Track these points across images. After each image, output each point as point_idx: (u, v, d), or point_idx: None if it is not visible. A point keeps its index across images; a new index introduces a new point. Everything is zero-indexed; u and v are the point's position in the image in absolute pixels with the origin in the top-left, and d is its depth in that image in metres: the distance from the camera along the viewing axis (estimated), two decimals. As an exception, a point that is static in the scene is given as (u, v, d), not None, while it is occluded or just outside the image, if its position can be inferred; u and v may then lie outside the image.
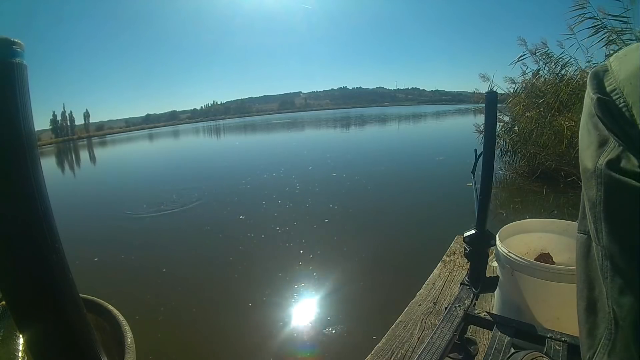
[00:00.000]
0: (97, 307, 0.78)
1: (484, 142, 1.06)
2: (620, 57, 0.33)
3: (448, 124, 20.76)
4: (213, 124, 64.11)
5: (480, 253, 1.09)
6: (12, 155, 0.28)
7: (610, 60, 0.33)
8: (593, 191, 0.32)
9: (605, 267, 0.32)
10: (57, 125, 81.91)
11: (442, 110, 39.48)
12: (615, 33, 4.21)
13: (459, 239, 2.00)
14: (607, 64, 0.33)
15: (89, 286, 2.49)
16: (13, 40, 0.28)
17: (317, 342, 1.96)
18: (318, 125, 28.63)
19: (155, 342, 2.04)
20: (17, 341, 0.62)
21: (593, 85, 0.33)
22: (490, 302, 1.39)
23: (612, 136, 0.31)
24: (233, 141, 20.50)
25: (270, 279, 2.68)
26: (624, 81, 0.30)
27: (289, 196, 5.19)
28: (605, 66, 0.33)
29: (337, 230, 3.65)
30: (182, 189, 6.29)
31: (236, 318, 2.23)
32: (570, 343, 0.84)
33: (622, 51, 0.33)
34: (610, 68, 0.32)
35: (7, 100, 0.28)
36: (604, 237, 0.32)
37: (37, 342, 0.31)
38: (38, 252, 0.30)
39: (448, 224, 3.15)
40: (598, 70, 0.34)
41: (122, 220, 4.77)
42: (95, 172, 13.24)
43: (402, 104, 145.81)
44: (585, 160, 0.34)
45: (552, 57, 5.19)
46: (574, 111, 4.69)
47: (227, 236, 3.78)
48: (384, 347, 1.23)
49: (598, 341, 0.34)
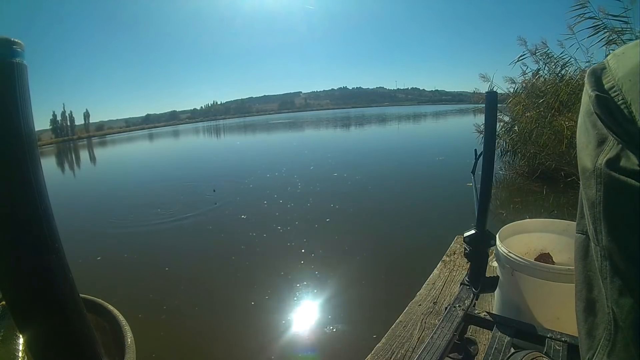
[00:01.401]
0: (97, 307, 0.78)
1: (484, 142, 1.06)
2: (617, 55, 0.32)
3: (448, 124, 20.76)
4: (213, 124, 64.12)
5: (480, 253, 1.09)
6: (12, 155, 0.28)
7: (608, 58, 0.33)
8: (592, 191, 0.32)
9: (604, 267, 0.32)
10: (57, 125, 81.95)
11: (442, 110, 39.48)
12: (616, 33, 4.20)
13: (459, 239, 2.00)
14: (604, 63, 0.33)
15: (93, 284, 2.51)
16: (13, 40, 0.28)
17: (319, 341, 1.97)
18: (319, 125, 28.63)
19: (158, 340, 2.05)
20: (17, 341, 0.62)
21: (591, 83, 0.33)
22: (490, 302, 1.39)
23: (611, 134, 0.30)
24: (234, 141, 20.50)
25: (272, 278, 2.69)
26: (622, 78, 0.30)
27: (291, 196, 5.20)
28: (603, 64, 0.33)
29: (338, 230, 3.66)
30: (184, 188, 6.29)
31: (238, 316, 2.24)
32: (570, 343, 0.83)
33: (620, 49, 0.33)
34: (608, 66, 0.32)
35: (7, 100, 0.28)
36: (604, 238, 0.31)
37: (37, 342, 0.31)
38: (38, 252, 0.30)
39: (448, 224, 3.16)
40: (596, 68, 0.33)
41: (124, 220, 4.77)
42: (96, 172, 13.23)
43: (402, 104, 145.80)
44: (584, 159, 0.33)
45: (552, 57, 5.19)
46: (574, 111, 4.69)
47: (229, 235, 3.79)
48: (384, 347, 1.23)
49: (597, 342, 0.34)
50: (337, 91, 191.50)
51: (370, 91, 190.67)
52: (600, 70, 0.33)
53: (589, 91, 0.33)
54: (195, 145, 20.22)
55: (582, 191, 0.35)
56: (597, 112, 0.32)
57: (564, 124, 4.55)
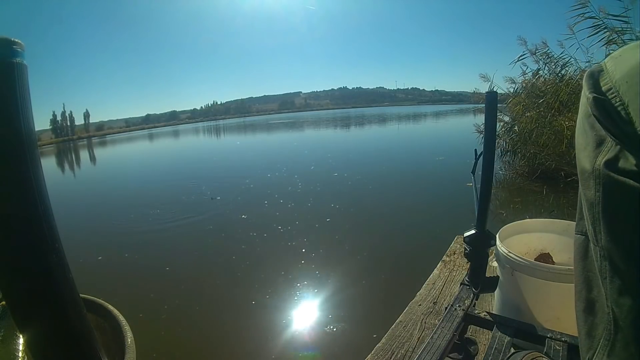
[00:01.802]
0: (97, 307, 0.78)
1: (484, 142, 1.06)
2: (615, 57, 0.33)
3: (448, 124, 20.76)
4: (213, 124, 64.11)
5: (480, 253, 1.09)
6: (12, 155, 0.28)
7: (605, 61, 0.33)
8: (591, 192, 0.32)
9: (604, 267, 0.32)
10: (57, 125, 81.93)
11: (442, 110, 39.49)
12: (616, 33, 4.20)
13: (459, 239, 2.00)
14: (602, 65, 0.33)
15: (93, 284, 2.51)
16: (13, 40, 0.28)
17: (319, 340, 1.97)
18: (319, 125, 28.63)
19: (159, 339, 2.06)
20: (17, 341, 0.62)
21: (589, 85, 0.33)
22: (490, 302, 1.39)
23: (609, 135, 0.30)
24: (234, 141, 20.50)
25: (272, 277, 2.69)
26: (619, 80, 0.30)
27: (291, 195, 5.20)
28: (600, 67, 0.33)
29: (338, 230, 3.66)
30: (185, 188, 6.29)
31: (239, 316, 2.25)
32: (570, 343, 0.84)
33: (617, 52, 0.33)
34: (605, 68, 0.33)
35: (7, 100, 0.28)
36: (603, 238, 0.31)
37: (37, 342, 0.31)
38: (38, 252, 0.30)
39: (448, 224, 3.16)
40: (593, 70, 0.34)
41: (125, 220, 4.77)
42: (96, 172, 13.23)
43: (402, 104, 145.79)
44: (582, 160, 0.34)
45: (552, 57, 5.19)
46: (574, 111, 4.69)
47: (230, 235, 3.79)
48: (384, 347, 1.23)
49: (597, 341, 0.34)
50: (337, 91, 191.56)
51: (370, 91, 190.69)
52: (598, 72, 0.33)
53: (587, 93, 0.33)
54: (195, 146, 20.22)
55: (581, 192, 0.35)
56: (595, 113, 0.32)
57: (564, 124, 4.55)
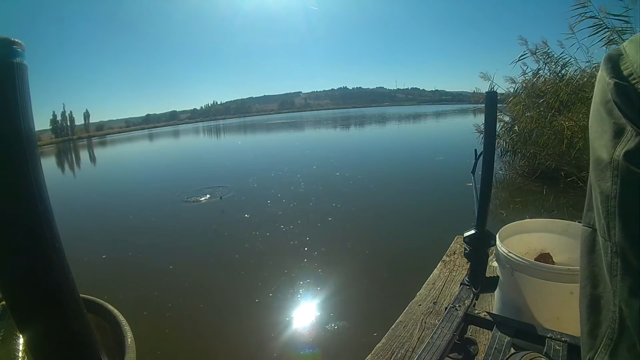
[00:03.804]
0: (97, 307, 0.78)
1: (484, 142, 1.06)
2: (635, 41, 0.31)
3: (448, 124, 20.75)
4: (213, 124, 64.06)
5: (480, 253, 1.09)
6: (12, 155, 0.28)
7: (625, 44, 0.31)
8: (607, 183, 0.30)
9: (614, 264, 0.30)
10: (57, 125, 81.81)
11: (442, 110, 39.45)
12: (616, 32, 4.19)
13: (459, 239, 2.00)
14: (621, 49, 0.31)
15: (97, 282, 2.53)
16: (13, 40, 0.28)
17: (320, 338, 1.98)
18: (319, 125, 28.61)
19: (163, 337, 2.08)
20: (17, 341, 0.62)
21: (608, 69, 0.31)
22: (490, 302, 1.39)
23: (630, 124, 0.29)
24: (235, 141, 20.51)
25: (275, 275, 2.71)
26: None
27: (294, 195, 5.22)
28: (619, 50, 0.31)
29: (340, 229, 3.68)
30: (187, 188, 6.29)
31: (242, 314, 2.27)
32: (570, 343, 0.83)
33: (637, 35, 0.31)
34: (625, 52, 0.30)
35: (7, 100, 0.28)
36: (617, 233, 0.30)
37: (37, 342, 0.31)
38: (38, 252, 0.30)
39: (448, 224, 3.15)
40: (612, 54, 0.31)
41: (128, 219, 4.78)
42: (96, 172, 13.23)
43: (402, 104, 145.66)
44: (598, 150, 0.32)
45: (553, 56, 5.19)
46: (574, 111, 4.69)
47: (233, 234, 3.81)
48: (384, 346, 1.22)
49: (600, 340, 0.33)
50: (337, 91, 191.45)
51: (370, 91, 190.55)
52: (617, 56, 0.31)
53: (607, 78, 0.31)
54: (195, 146, 20.21)
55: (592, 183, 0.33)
56: (615, 100, 0.30)
57: (564, 124, 4.55)
